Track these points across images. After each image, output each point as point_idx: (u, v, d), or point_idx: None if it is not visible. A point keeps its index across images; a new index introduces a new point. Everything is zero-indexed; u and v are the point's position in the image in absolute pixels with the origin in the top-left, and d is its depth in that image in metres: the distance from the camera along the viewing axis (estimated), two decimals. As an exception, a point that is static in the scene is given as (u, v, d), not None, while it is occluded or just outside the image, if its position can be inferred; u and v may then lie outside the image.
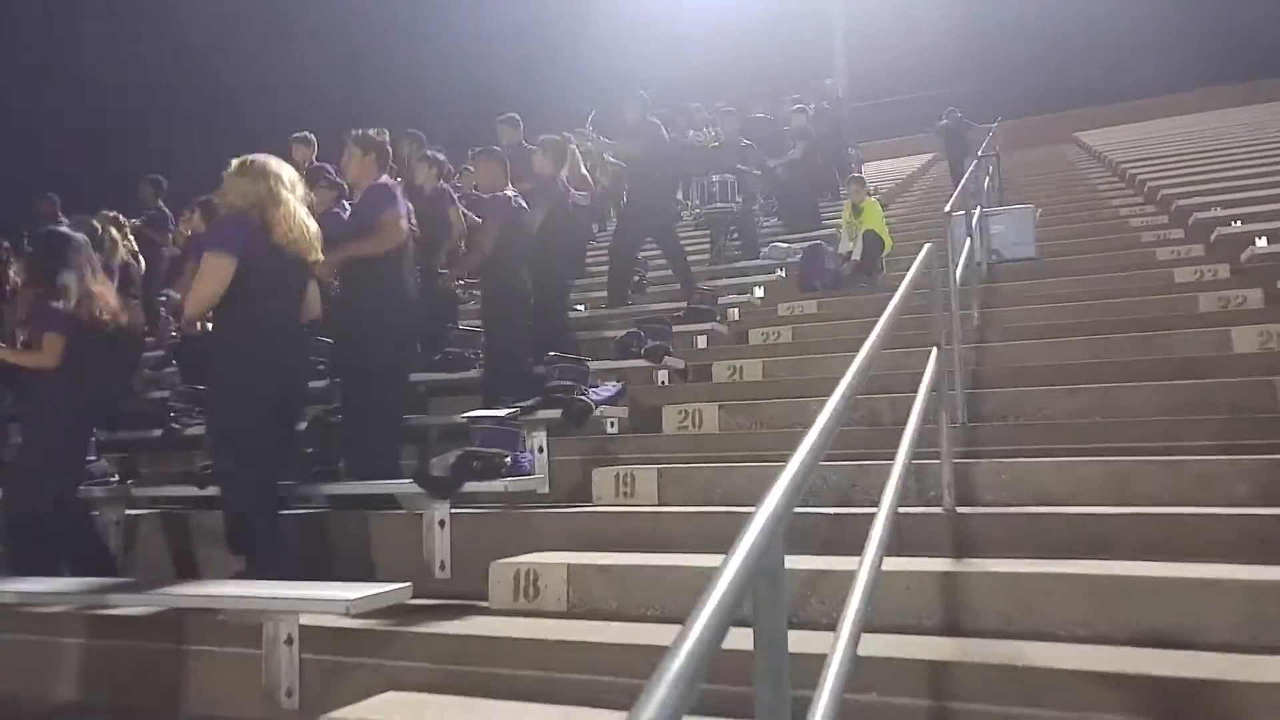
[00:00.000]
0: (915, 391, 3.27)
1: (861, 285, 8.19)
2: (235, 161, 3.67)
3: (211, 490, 4.09)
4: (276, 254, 3.50)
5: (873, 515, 2.42)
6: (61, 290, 4.09)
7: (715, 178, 9.10)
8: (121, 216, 6.84)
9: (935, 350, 3.52)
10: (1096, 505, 3.51)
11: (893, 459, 2.89)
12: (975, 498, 3.71)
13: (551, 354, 4.94)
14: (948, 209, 5.09)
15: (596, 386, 4.93)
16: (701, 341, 6.83)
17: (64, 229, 4.47)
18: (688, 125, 11.86)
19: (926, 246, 3.68)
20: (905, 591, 2.99)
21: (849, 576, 3.02)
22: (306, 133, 8.09)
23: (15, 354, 4.26)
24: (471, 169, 7.41)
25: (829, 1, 20.94)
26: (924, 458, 3.45)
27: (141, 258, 6.76)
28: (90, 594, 3.48)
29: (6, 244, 7.60)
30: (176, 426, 5.35)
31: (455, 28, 19.50)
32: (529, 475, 3.95)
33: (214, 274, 3.44)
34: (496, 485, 3.81)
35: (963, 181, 7.41)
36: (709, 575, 1.22)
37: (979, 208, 7.61)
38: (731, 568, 1.24)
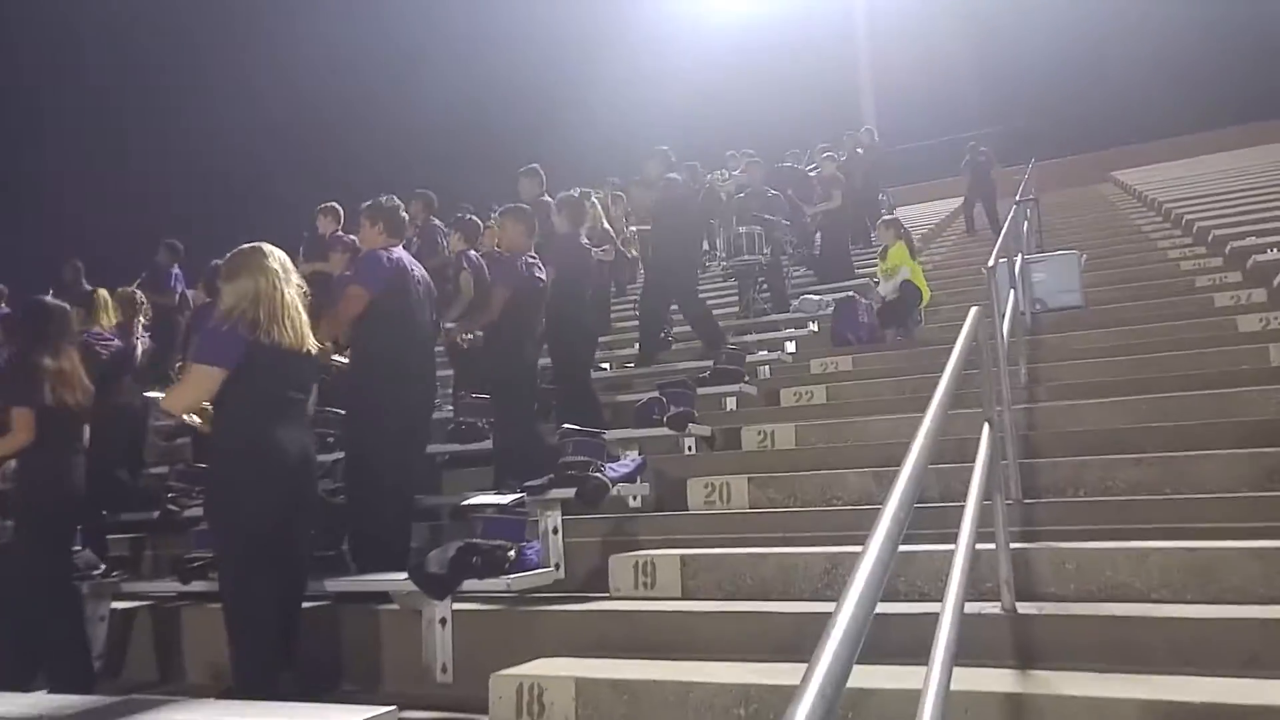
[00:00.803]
0: (958, 460, 2.87)
1: (898, 336, 7.80)
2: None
3: (196, 585, 3.79)
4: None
5: (932, 616, 2.04)
6: (31, 367, 3.87)
7: (741, 229, 8.81)
8: (138, 293, 6.70)
9: (988, 426, 3.13)
10: (1179, 603, 3.07)
11: (940, 543, 2.49)
12: (1037, 591, 3.28)
13: (565, 426, 4.60)
14: (991, 264, 4.71)
15: (615, 461, 4.58)
16: (731, 404, 6.47)
17: (45, 300, 4.25)
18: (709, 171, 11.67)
19: (974, 311, 3.30)
20: (965, 716, 2.58)
21: (899, 696, 2.64)
22: (333, 203, 8.21)
23: None
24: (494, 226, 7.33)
25: (855, 44, 20.74)
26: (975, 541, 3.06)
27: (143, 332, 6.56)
28: None
29: None
30: (174, 509, 5.07)
31: (469, 73, 19.48)
32: (535, 570, 3.59)
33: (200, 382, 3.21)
34: (499, 584, 3.46)
35: (1003, 231, 7.03)
36: (739, 696, 0.86)
37: (1020, 255, 7.22)
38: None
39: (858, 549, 1.49)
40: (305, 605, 3.95)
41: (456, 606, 3.73)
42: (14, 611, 3.96)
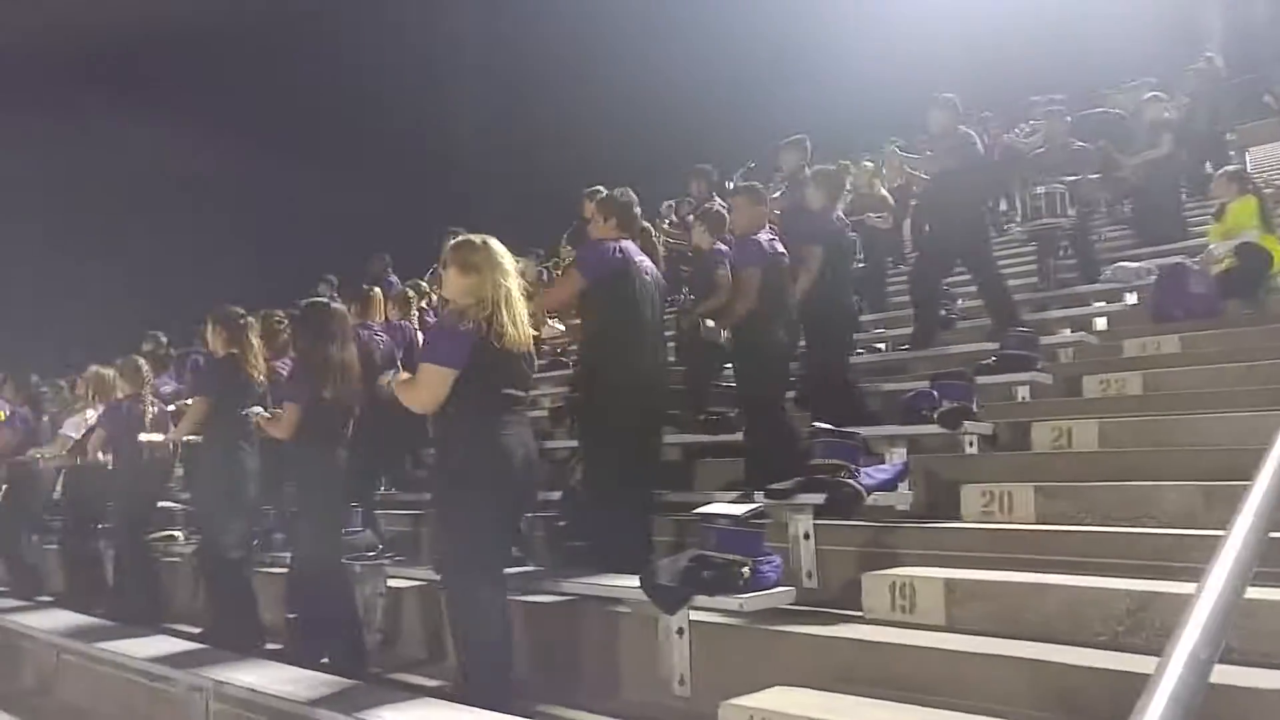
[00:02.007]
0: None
1: (1244, 311, 6.45)
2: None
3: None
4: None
5: None
6: (319, 361, 4.21)
7: (1040, 189, 7.73)
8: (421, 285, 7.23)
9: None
10: None
11: None
12: None
13: (815, 425, 4.20)
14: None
15: (874, 465, 4.11)
16: (1023, 393, 5.65)
17: (325, 301, 4.60)
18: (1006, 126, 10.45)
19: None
20: None
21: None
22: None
23: (265, 420, 4.47)
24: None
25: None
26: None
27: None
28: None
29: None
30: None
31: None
32: (771, 590, 3.26)
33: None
34: (730, 603, 3.18)
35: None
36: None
37: None
38: None
39: (1178, 587, 1.10)
40: (546, 601, 3.96)
41: (694, 616, 3.51)
42: (303, 589, 4.36)
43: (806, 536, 4.17)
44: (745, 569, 3.21)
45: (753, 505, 3.31)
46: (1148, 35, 14.44)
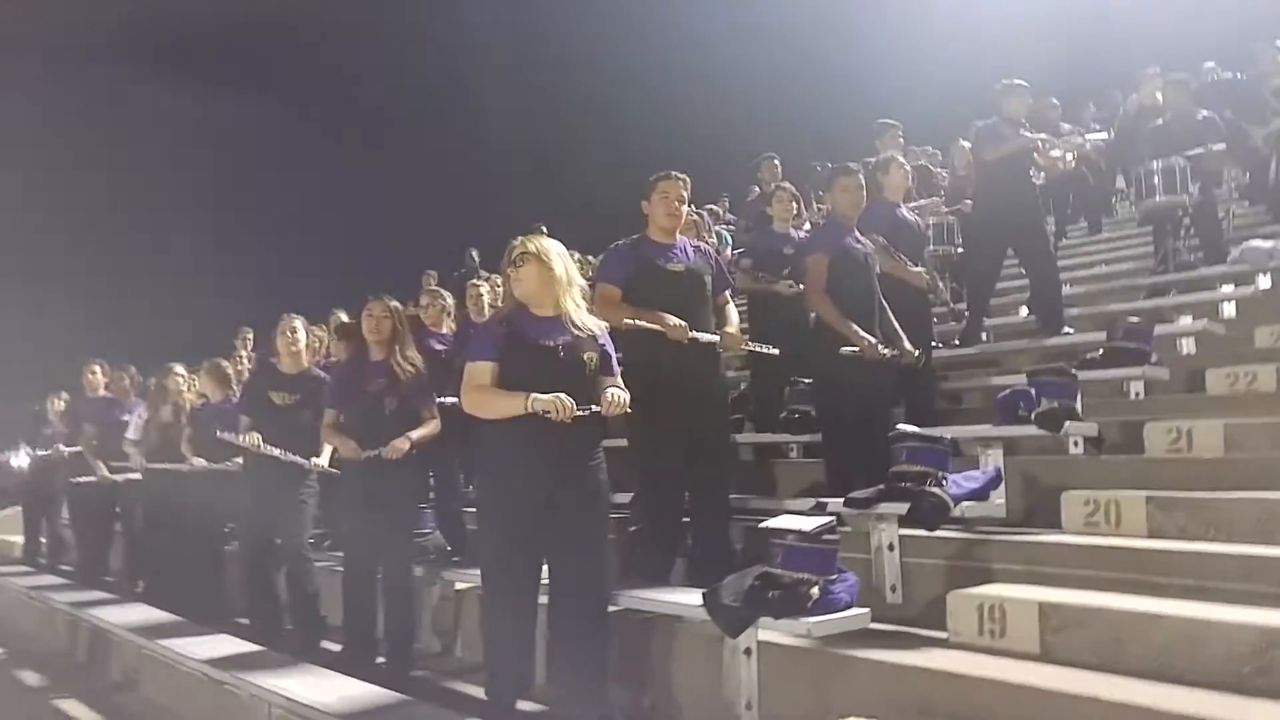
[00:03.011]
0: None
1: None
2: None
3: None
4: None
5: None
6: None
7: (1157, 164, 7.08)
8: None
9: None
10: None
11: None
12: None
13: (900, 428, 3.88)
14: None
15: (964, 472, 3.78)
16: (1137, 389, 5.16)
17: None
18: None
19: None
20: None
21: None
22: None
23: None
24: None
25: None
26: None
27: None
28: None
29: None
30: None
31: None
32: (842, 614, 2.99)
33: None
34: (797, 627, 2.93)
35: None
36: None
37: None
38: None
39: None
40: (614, 610, 3.79)
41: (763, 636, 3.27)
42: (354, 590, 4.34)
43: (890, 548, 3.87)
44: (814, 589, 2.95)
45: (824, 520, 3.04)
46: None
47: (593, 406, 3.03)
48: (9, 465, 9.37)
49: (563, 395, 2.95)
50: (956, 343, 6.65)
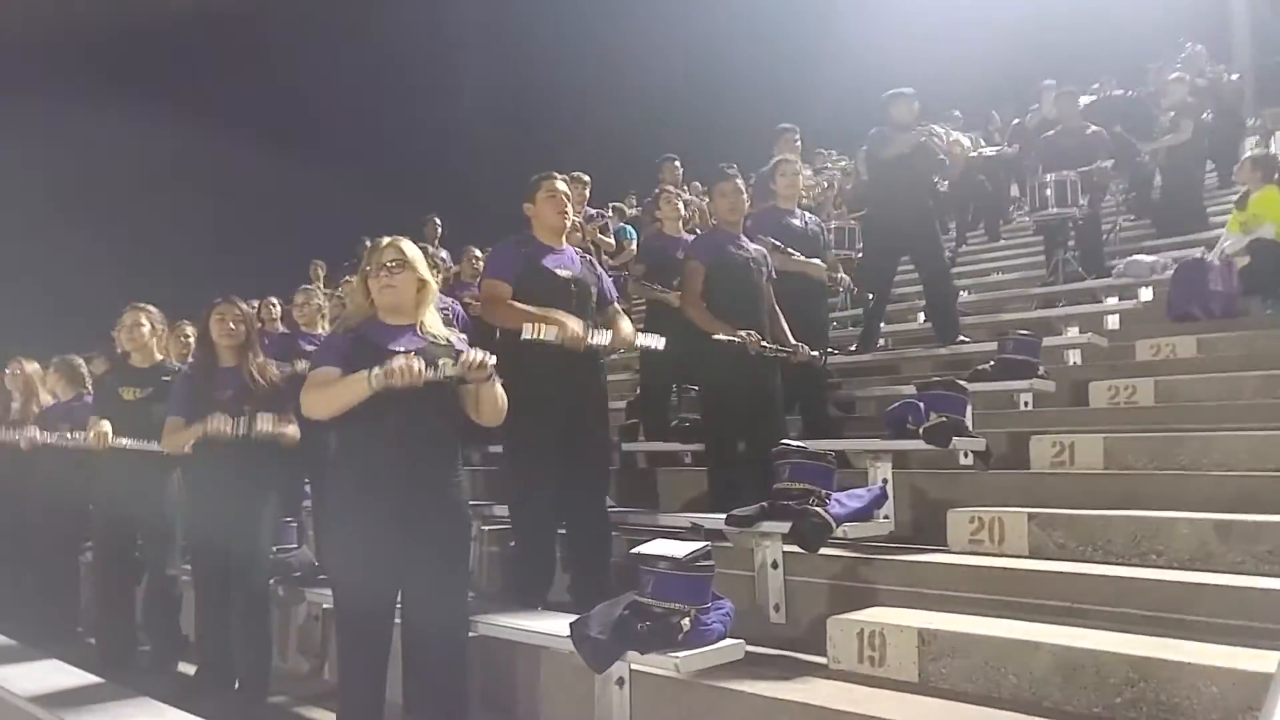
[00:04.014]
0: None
1: (1267, 311, 5.97)
2: None
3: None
4: None
5: None
6: None
7: (1050, 177, 7.22)
8: None
9: None
10: None
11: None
12: None
13: (782, 444, 3.76)
14: None
15: (847, 491, 3.67)
16: (1027, 400, 5.18)
17: None
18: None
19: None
20: None
21: None
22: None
23: None
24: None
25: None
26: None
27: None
28: None
29: None
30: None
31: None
32: (715, 646, 2.83)
33: None
34: (665, 663, 2.75)
35: None
36: None
37: None
38: None
39: (1185, 653, 1.03)
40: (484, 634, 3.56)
41: (636, 666, 3.09)
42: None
43: (774, 565, 3.75)
44: (686, 620, 2.78)
45: (697, 546, 2.87)
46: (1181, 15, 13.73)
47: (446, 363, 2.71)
48: None
49: (409, 357, 2.67)
50: (852, 349, 6.62)
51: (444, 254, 5.24)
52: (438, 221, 10.12)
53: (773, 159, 5.67)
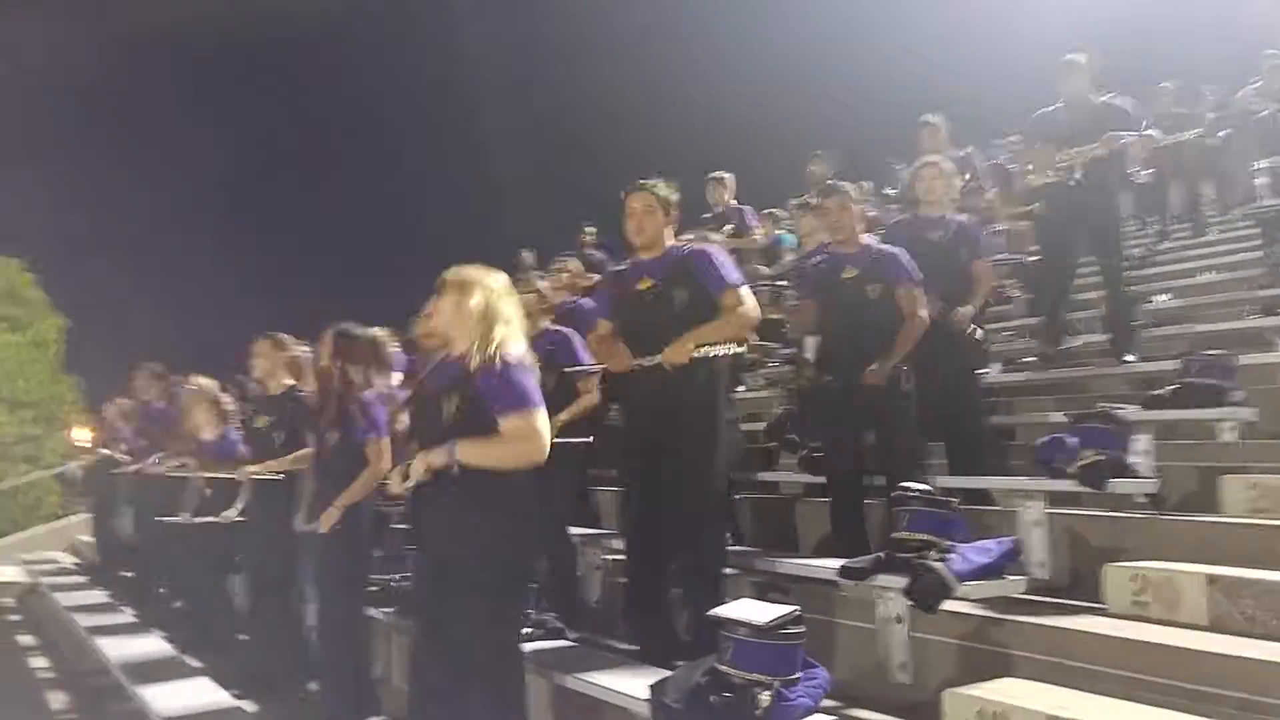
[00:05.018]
0: None
1: None
2: None
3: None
4: None
5: None
6: None
7: (1263, 163, 6.24)
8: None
9: None
10: None
11: None
12: None
13: (901, 486, 3.33)
14: None
15: (975, 543, 3.21)
16: (1227, 432, 4.38)
17: None
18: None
19: None
20: None
21: None
22: None
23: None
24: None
25: None
26: None
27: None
28: None
29: None
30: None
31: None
32: (801, 721, 2.50)
33: None
34: (741, 746, 2.46)
35: None
36: None
37: None
38: None
39: None
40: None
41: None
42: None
43: (899, 620, 3.35)
44: (766, 694, 2.48)
45: (784, 610, 2.56)
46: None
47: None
48: None
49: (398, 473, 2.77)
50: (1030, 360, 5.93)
51: (544, 281, 4.97)
52: (590, 231, 10.01)
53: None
